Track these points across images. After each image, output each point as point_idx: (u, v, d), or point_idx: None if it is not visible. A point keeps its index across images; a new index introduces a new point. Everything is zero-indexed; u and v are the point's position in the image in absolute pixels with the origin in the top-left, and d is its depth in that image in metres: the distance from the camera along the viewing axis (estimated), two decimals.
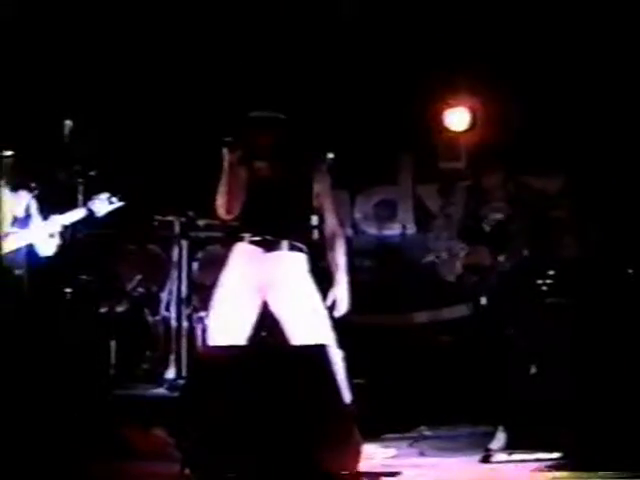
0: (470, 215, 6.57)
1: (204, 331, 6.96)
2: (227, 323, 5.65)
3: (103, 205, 6.75)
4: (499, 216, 6.45)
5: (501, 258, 6.33)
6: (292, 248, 5.72)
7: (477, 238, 6.42)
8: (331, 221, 5.86)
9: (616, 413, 5.70)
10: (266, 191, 5.72)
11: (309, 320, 5.62)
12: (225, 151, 5.63)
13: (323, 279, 5.78)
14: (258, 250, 5.71)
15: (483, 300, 6.32)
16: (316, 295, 5.71)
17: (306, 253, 5.79)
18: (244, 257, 5.74)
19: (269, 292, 5.70)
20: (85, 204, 6.76)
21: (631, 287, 6.33)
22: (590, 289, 6.30)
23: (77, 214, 6.74)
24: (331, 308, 5.74)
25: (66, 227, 6.71)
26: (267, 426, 4.72)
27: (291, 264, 5.72)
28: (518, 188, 6.54)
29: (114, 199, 6.76)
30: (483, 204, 6.55)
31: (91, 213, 6.72)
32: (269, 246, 5.69)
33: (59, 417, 6.06)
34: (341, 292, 5.77)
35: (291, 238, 5.72)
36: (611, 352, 5.91)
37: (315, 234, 6.02)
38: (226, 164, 5.64)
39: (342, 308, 5.76)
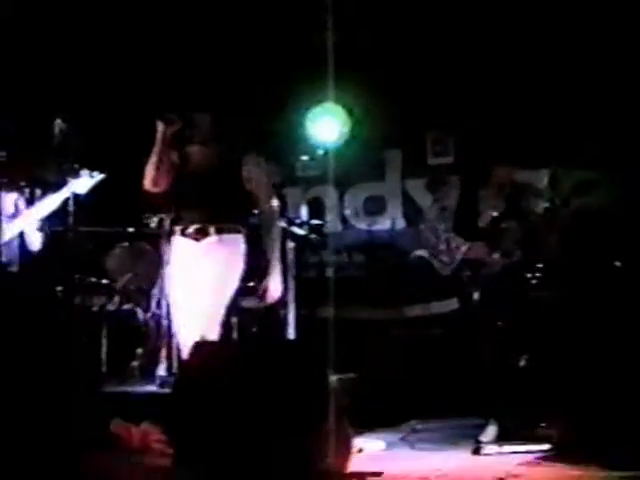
0: (465, 210, 6.58)
1: None
2: (185, 319, 5.70)
3: (85, 182, 6.75)
4: (494, 213, 6.48)
5: (496, 255, 6.37)
6: (221, 232, 5.70)
7: (473, 234, 6.44)
8: (264, 206, 5.83)
9: (605, 405, 5.73)
10: (194, 177, 5.73)
11: (200, 309, 5.62)
12: (160, 124, 5.63)
13: None
14: (189, 242, 5.72)
15: (475, 295, 6.34)
16: (224, 281, 5.67)
17: (242, 233, 5.77)
18: (178, 252, 5.78)
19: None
20: (66, 184, 6.74)
21: (619, 280, 6.36)
22: (579, 282, 6.33)
23: (61, 196, 6.74)
24: (262, 296, 5.78)
25: (52, 217, 6.74)
26: (258, 420, 4.74)
27: (213, 251, 5.69)
28: (514, 185, 6.55)
29: (95, 173, 6.75)
30: (478, 200, 6.57)
31: (75, 192, 6.71)
32: (197, 235, 5.69)
33: (49, 413, 6.08)
34: (272, 279, 5.77)
35: (220, 222, 5.69)
36: (601, 345, 5.93)
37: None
38: (159, 137, 5.65)
39: (273, 295, 5.79)
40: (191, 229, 5.72)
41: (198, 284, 5.65)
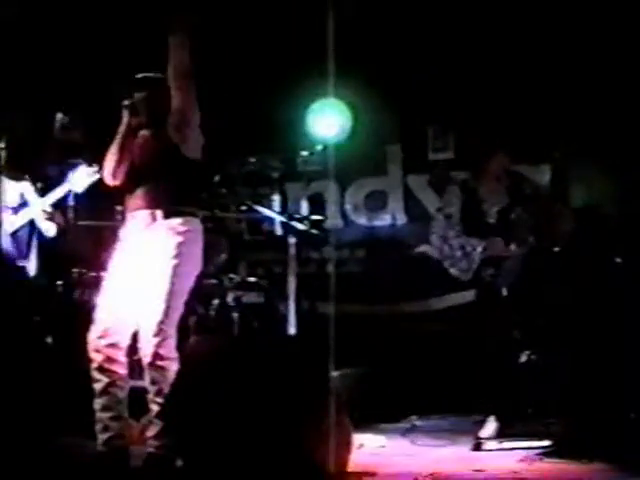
0: (470, 212, 6.54)
1: (195, 322, 6.98)
2: (112, 311, 5.37)
3: (82, 178, 6.74)
4: (499, 207, 6.45)
5: (512, 247, 6.34)
6: (168, 215, 5.38)
7: (485, 232, 6.41)
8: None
9: (605, 402, 5.73)
10: (140, 162, 5.50)
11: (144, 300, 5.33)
12: (125, 113, 5.47)
13: None
14: (138, 228, 5.43)
15: (504, 291, 6.28)
16: (174, 272, 5.29)
17: (198, 217, 5.52)
18: (129, 240, 5.48)
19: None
20: (66, 180, 6.75)
21: (619, 277, 6.35)
22: (577, 278, 6.32)
23: (61, 190, 6.75)
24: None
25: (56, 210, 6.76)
26: (259, 415, 4.74)
27: (159, 236, 5.36)
28: (513, 178, 6.53)
29: (93, 169, 6.72)
30: (481, 199, 6.54)
31: (73, 187, 6.71)
32: (145, 221, 5.39)
33: (49, 408, 6.10)
34: None
35: (168, 205, 5.38)
36: (603, 342, 5.94)
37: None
38: (125, 126, 5.47)
39: None
40: (139, 215, 5.43)
41: (144, 275, 5.35)
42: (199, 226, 5.53)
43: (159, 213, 5.39)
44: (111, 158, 5.51)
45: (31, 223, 6.89)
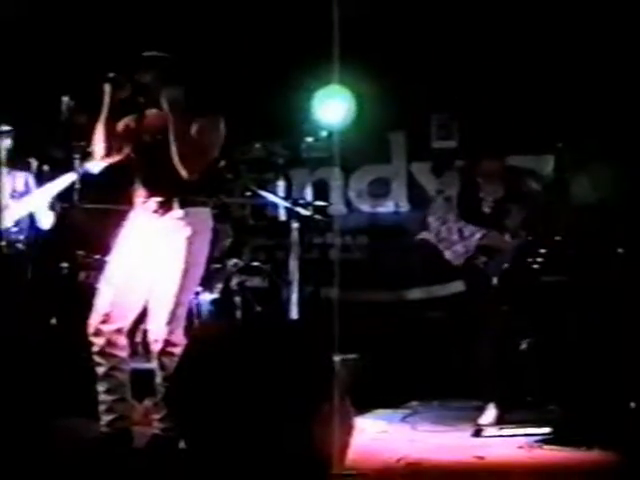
0: (467, 198, 6.56)
1: (198, 306, 7.01)
2: (117, 296, 5.36)
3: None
4: (496, 197, 6.48)
5: (507, 237, 6.37)
6: (182, 205, 5.32)
7: (479, 220, 6.43)
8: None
9: (605, 390, 5.76)
10: (152, 145, 5.36)
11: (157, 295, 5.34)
12: (107, 86, 5.28)
13: None
14: (150, 217, 5.37)
15: (494, 280, 6.32)
16: (192, 263, 5.33)
17: (209, 207, 5.48)
18: (137, 227, 5.42)
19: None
20: (71, 169, 6.72)
21: (621, 266, 6.38)
22: (582, 268, 6.35)
23: (72, 175, 6.72)
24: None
25: (62, 197, 6.75)
26: (261, 400, 4.76)
27: (172, 227, 5.34)
28: (507, 171, 6.56)
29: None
30: (478, 186, 6.57)
31: (86, 171, 6.68)
32: (159, 209, 5.35)
33: (53, 390, 6.13)
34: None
35: (184, 194, 5.32)
36: (602, 330, 5.96)
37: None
38: (106, 100, 5.29)
39: None
40: (152, 202, 5.38)
41: (154, 264, 5.33)
42: (209, 215, 5.51)
43: (172, 202, 5.33)
44: (100, 136, 5.36)
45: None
